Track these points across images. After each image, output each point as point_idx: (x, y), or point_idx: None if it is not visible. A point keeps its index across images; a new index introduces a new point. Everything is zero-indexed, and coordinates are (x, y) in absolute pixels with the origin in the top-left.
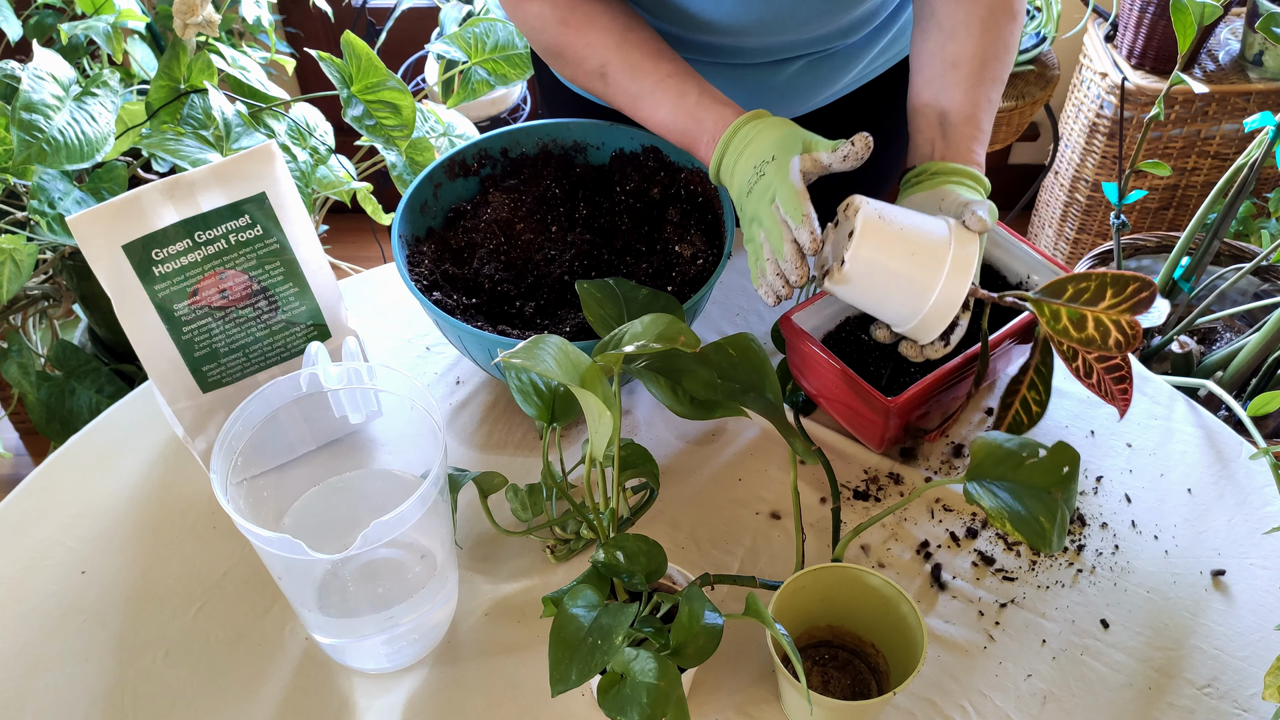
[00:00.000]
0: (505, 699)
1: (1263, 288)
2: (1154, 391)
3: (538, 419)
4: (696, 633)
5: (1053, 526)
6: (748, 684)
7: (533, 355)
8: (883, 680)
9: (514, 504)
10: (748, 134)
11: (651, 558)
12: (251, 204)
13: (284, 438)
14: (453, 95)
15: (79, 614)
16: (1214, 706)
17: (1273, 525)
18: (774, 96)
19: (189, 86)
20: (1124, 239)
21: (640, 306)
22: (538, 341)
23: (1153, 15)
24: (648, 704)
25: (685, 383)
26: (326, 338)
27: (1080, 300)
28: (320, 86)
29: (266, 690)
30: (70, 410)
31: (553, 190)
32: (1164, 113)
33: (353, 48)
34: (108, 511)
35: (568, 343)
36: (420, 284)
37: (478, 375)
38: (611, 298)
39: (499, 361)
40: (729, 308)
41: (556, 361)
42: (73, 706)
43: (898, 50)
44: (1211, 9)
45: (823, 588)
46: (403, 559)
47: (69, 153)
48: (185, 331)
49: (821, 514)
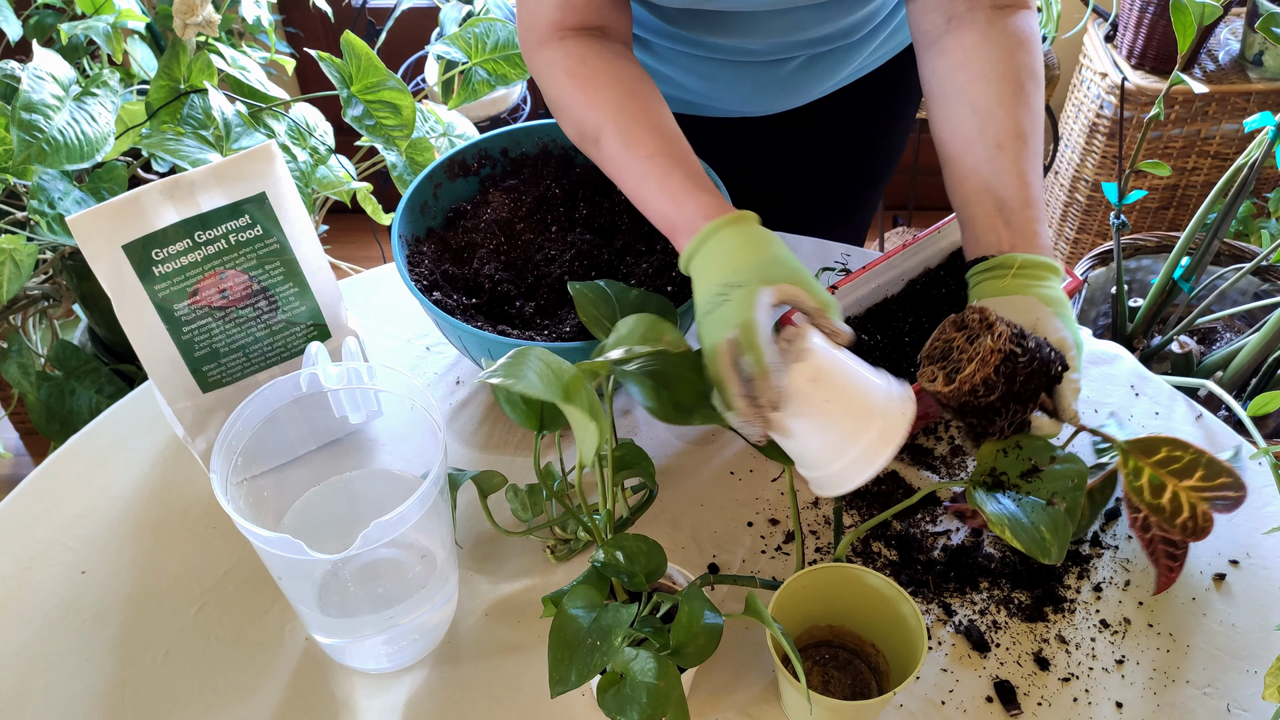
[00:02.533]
0: (505, 699)
1: (1263, 288)
2: (1154, 392)
3: (528, 427)
4: (696, 633)
5: (1054, 538)
6: (748, 684)
7: (515, 373)
8: (883, 680)
9: (514, 504)
10: (725, 241)
11: (651, 558)
12: (251, 204)
13: (284, 438)
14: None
15: (79, 614)
16: (1214, 706)
17: (1273, 525)
18: (775, 90)
19: (189, 86)
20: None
21: (631, 307)
22: (521, 356)
23: (1153, 15)
24: (647, 704)
25: (674, 387)
26: (326, 338)
27: (1168, 468)
28: (320, 86)
29: (266, 690)
30: (70, 410)
31: (553, 190)
32: (1164, 113)
33: (353, 48)
34: (108, 511)
35: (549, 353)
36: (420, 284)
37: (478, 375)
38: (603, 298)
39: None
40: None
41: (540, 376)
42: (73, 706)
43: (897, 42)
44: (1211, 9)
45: (823, 587)
46: (403, 559)
47: (69, 153)
48: (185, 331)
49: (821, 513)
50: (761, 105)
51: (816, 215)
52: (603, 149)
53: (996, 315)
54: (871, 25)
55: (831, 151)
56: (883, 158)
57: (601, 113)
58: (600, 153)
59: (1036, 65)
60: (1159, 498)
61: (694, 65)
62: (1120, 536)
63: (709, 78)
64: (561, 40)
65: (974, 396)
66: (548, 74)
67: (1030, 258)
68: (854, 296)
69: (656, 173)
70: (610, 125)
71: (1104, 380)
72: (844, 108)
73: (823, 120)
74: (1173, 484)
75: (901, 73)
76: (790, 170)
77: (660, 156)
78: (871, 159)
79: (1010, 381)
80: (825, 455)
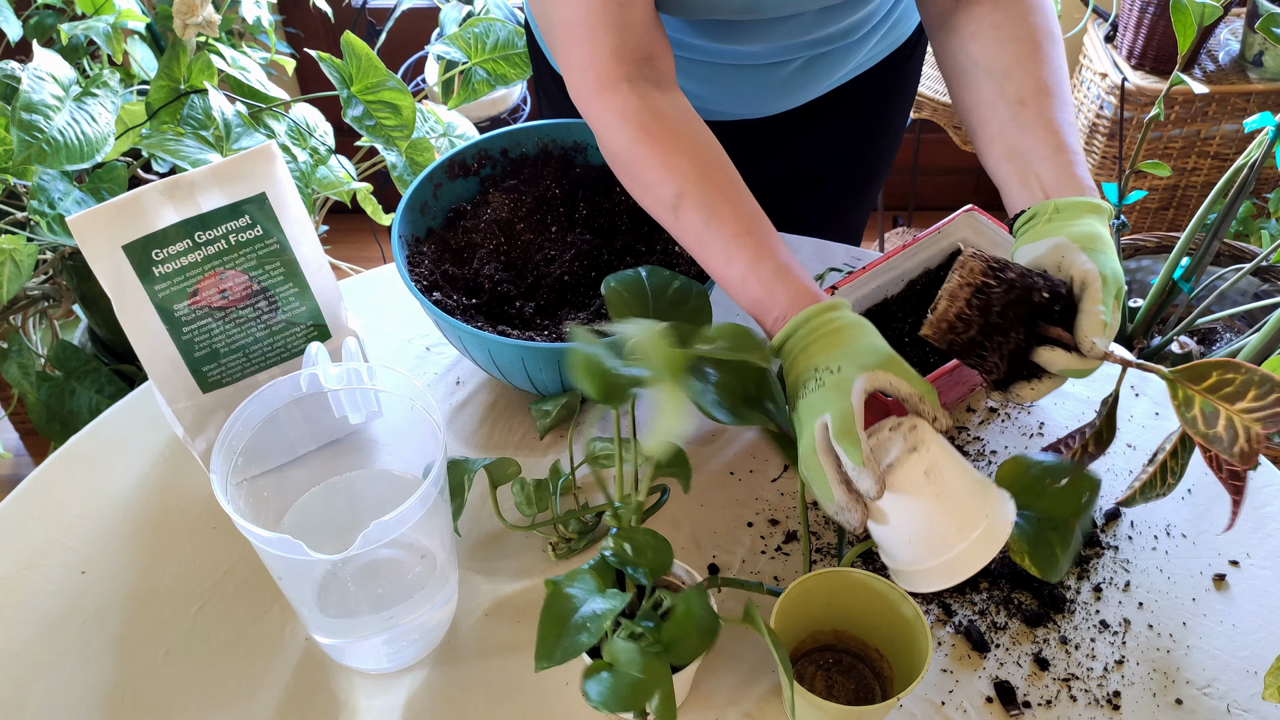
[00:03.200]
0: (505, 699)
1: (1263, 288)
2: (1154, 392)
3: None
4: (690, 631)
5: (1064, 555)
6: (749, 683)
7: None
8: (887, 685)
9: (519, 498)
10: (818, 328)
11: (659, 553)
12: (251, 204)
13: (284, 438)
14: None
15: (79, 614)
16: (1214, 706)
17: (1273, 524)
18: (775, 92)
19: (189, 87)
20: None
21: (669, 302)
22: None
23: (1153, 15)
24: (628, 695)
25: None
26: (326, 338)
27: (1220, 392)
28: (320, 86)
29: (266, 690)
30: (70, 410)
31: (553, 190)
32: (1164, 113)
33: (353, 48)
34: (108, 511)
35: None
36: (420, 284)
37: (478, 375)
38: (638, 298)
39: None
40: (729, 308)
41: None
42: (73, 706)
43: (892, 39)
44: (1211, 9)
45: (827, 591)
46: (403, 559)
47: (69, 153)
48: (185, 332)
49: (822, 514)
50: (761, 107)
51: (813, 215)
52: (682, 219)
53: (971, 252)
54: (871, 24)
55: (828, 150)
56: (877, 155)
57: (681, 180)
58: (678, 222)
59: (1052, 26)
60: (1213, 427)
61: (694, 70)
62: (1120, 537)
63: (709, 82)
64: (629, 84)
65: (955, 334)
66: (616, 125)
67: (1065, 201)
68: (854, 297)
69: (745, 255)
70: (692, 196)
71: (1103, 380)
72: (840, 107)
73: (820, 119)
74: (1225, 410)
75: (895, 69)
76: (787, 170)
77: (747, 236)
78: (867, 156)
79: (986, 313)
80: (924, 550)
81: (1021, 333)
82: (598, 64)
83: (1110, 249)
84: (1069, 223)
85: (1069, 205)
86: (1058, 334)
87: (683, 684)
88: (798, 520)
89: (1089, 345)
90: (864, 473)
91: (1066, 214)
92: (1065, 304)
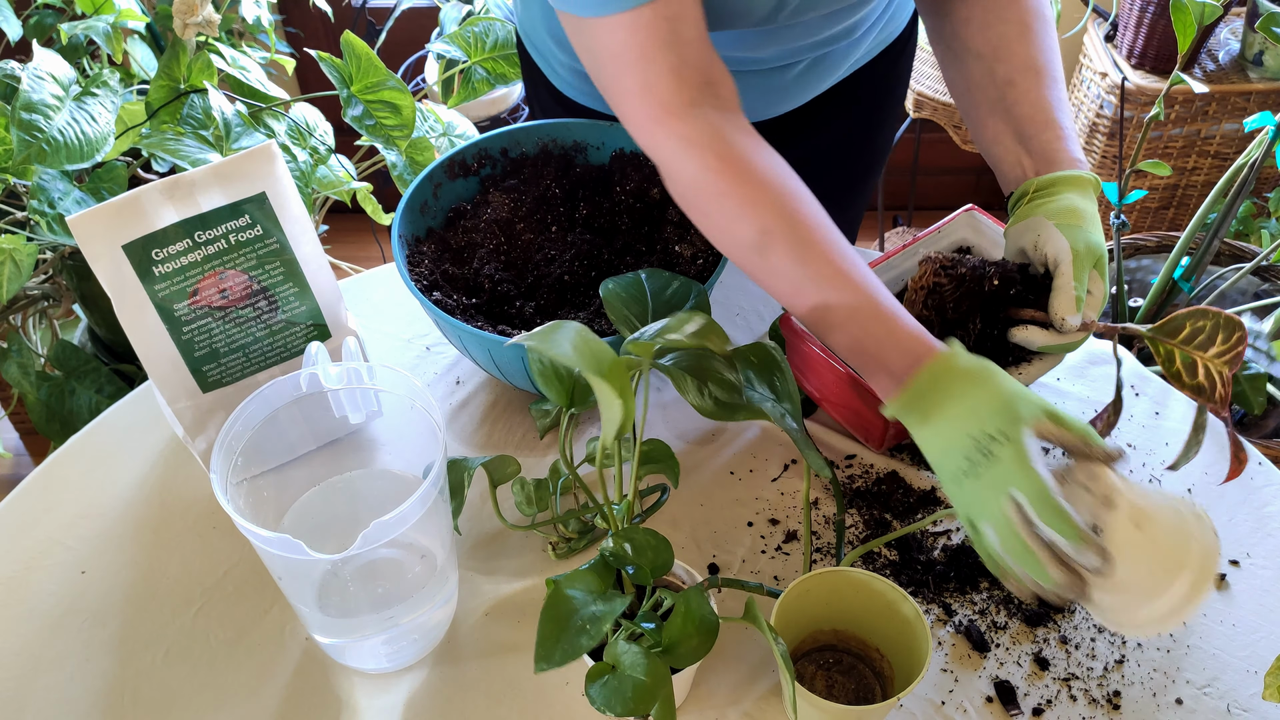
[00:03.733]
0: (505, 699)
1: (1263, 288)
2: (1154, 391)
3: (557, 402)
4: (690, 633)
5: None
6: (750, 683)
7: (550, 340)
8: (887, 685)
9: (519, 497)
10: (951, 385)
11: (659, 552)
12: (251, 204)
13: (284, 438)
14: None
15: (79, 614)
16: (1214, 706)
17: (1274, 524)
18: (779, 94)
19: (189, 86)
20: (1124, 239)
21: (666, 304)
22: (558, 326)
23: (1153, 15)
24: (632, 699)
25: (709, 384)
26: (326, 338)
27: (1194, 342)
28: (320, 86)
29: (266, 690)
30: (70, 410)
31: (553, 190)
32: (1164, 113)
33: (352, 48)
34: (108, 511)
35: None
36: (420, 284)
37: (478, 375)
38: (636, 299)
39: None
40: (729, 308)
41: (574, 346)
42: (73, 706)
43: (886, 34)
44: (1211, 9)
45: (828, 591)
46: (403, 559)
47: (69, 153)
48: (185, 331)
49: (822, 514)
50: (764, 110)
51: None
52: (770, 260)
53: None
54: (870, 20)
55: (827, 146)
56: (875, 148)
57: (765, 218)
58: (765, 262)
59: (1042, 7)
60: (1195, 377)
61: None
62: None
63: None
64: (694, 108)
65: None
66: (683, 154)
67: (1045, 178)
68: None
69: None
70: (781, 231)
71: (1104, 380)
72: (839, 103)
73: (819, 117)
74: (1200, 358)
75: (890, 63)
76: None
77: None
78: (865, 150)
79: (941, 311)
80: (1144, 596)
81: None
82: (657, 88)
83: (1089, 220)
84: (1047, 200)
85: (1049, 182)
86: (1030, 315)
87: (683, 684)
88: (798, 520)
89: (1059, 321)
90: (1085, 549)
91: (1046, 191)
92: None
